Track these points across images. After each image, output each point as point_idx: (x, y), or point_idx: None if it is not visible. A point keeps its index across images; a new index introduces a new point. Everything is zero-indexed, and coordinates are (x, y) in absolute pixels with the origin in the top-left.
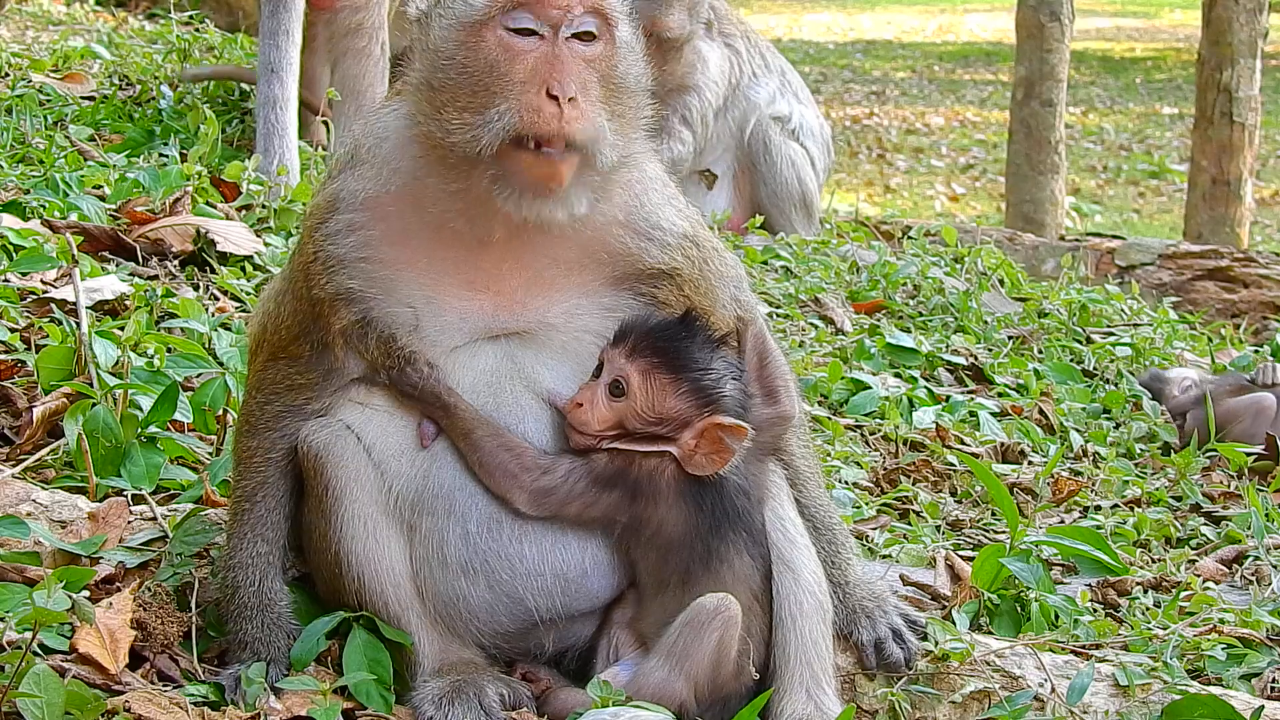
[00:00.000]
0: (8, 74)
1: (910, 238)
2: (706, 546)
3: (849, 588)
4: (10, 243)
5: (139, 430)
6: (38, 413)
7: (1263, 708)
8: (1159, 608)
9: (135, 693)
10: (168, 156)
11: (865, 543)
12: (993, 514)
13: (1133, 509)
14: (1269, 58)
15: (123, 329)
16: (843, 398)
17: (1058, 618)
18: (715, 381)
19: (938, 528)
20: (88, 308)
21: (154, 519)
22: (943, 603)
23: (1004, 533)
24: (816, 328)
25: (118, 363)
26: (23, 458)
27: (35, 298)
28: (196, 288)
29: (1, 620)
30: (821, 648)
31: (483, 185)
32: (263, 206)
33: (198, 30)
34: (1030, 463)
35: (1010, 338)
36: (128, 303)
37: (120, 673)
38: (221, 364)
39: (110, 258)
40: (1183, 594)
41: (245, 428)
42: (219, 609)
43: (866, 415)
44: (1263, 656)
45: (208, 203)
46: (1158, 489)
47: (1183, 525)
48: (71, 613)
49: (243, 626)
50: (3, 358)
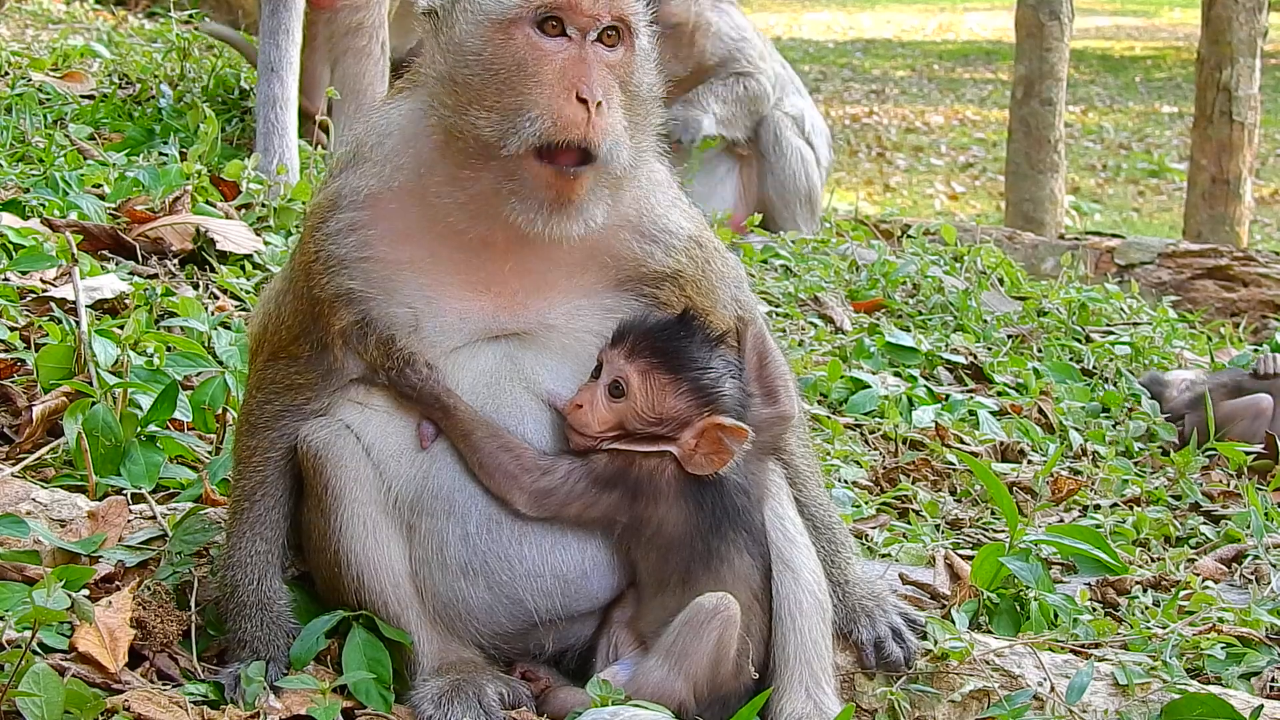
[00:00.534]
0: (7, 72)
1: (910, 236)
2: (707, 546)
3: (848, 587)
4: (10, 241)
5: (138, 429)
6: (37, 411)
7: (1262, 707)
8: (1158, 607)
9: (135, 691)
10: (167, 155)
11: (865, 542)
12: (992, 513)
13: (1132, 508)
14: (1268, 56)
15: (122, 328)
16: (842, 396)
17: (1057, 617)
18: (715, 381)
19: (937, 527)
20: (87, 306)
21: (153, 518)
22: (942, 602)
23: (1003, 532)
24: (816, 326)
25: (117, 361)
26: (22, 456)
27: (35, 296)
28: (196, 286)
29: (1, 619)
30: (821, 647)
31: (498, 187)
32: (262, 205)
33: (197, 29)
34: (1029, 462)
35: (1010, 337)
36: (127, 301)
37: (120, 671)
38: (221, 363)
39: (110, 256)
40: (1182, 593)
41: (245, 427)
42: (218, 608)
43: (866, 414)
44: (1262, 655)
45: (207, 201)
46: (1157, 488)
47: (1182, 524)
48: (71, 611)
49: (242, 625)
50: (2, 356)
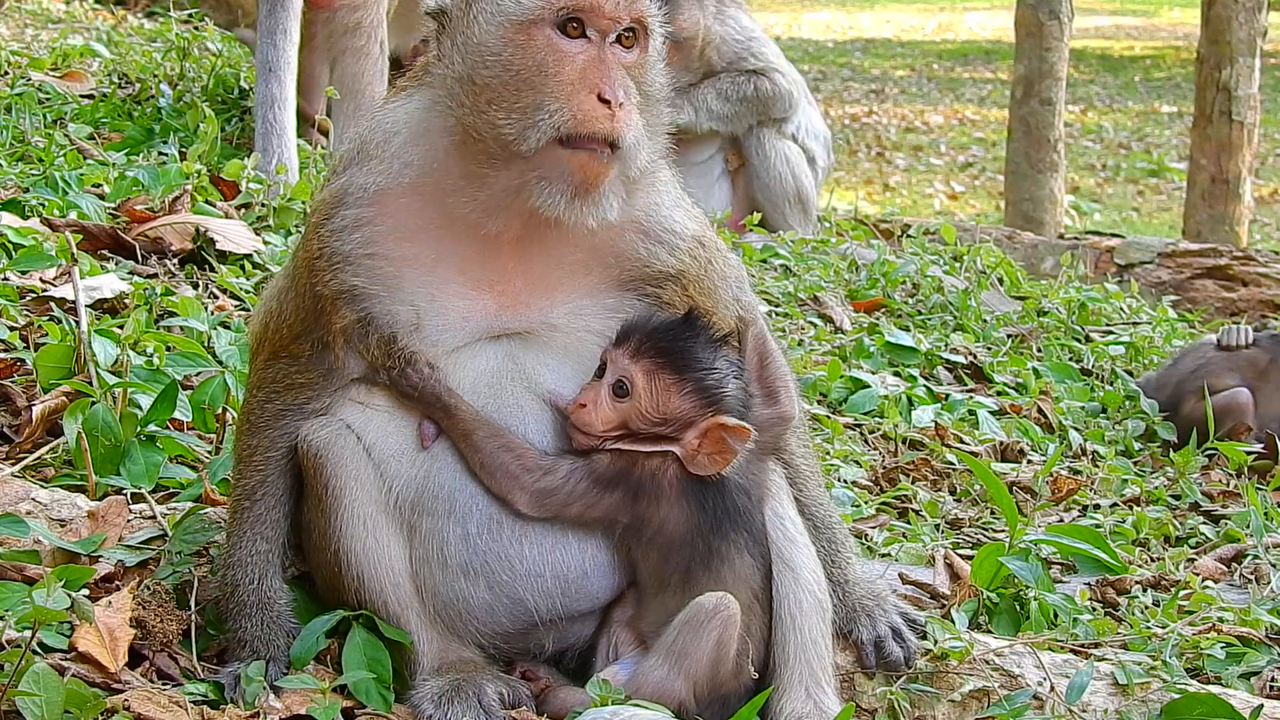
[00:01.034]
0: (7, 72)
1: (909, 236)
2: (708, 546)
3: (848, 586)
4: (10, 241)
5: (138, 429)
6: (37, 411)
7: (1261, 706)
8: (1158, 606)
9: (134, 691)
10: (167, 155)
11: (864, 541)
12: (992, 513)
13: (1132, 508)
14: (1268, 56)
15: (122, 327)
16: (842, 396)
17: (1057, 616)
18: (719, 381)
19: (937, 526)
20: (87, 306)
21: (153, 517)
22: (942, 601)
23: (1003, 531)
24: (816, 326)
25: (117, 361)
26: (22, 456)
27: (34, 296)
28: (196, 286)
29: (1, 619)
30: (821, 646)
31: (519, 181)
32: (262, 205)
33: (197, 28)
34: (1029, 461)
35: (1009, 336)
36: (127, 301)
37: (119, 671)
38: (221, 362)
39: (109, 256)
40: (1182, 593)
41: (245, 426)
42: (218, 607)
43: (866, 414)
44: (1262, 655)
45: (207, 201)
46: (1157, 488)
47: (1182, 524)
48: (71, 611)
49: (242, 625)
50: (2, 356)
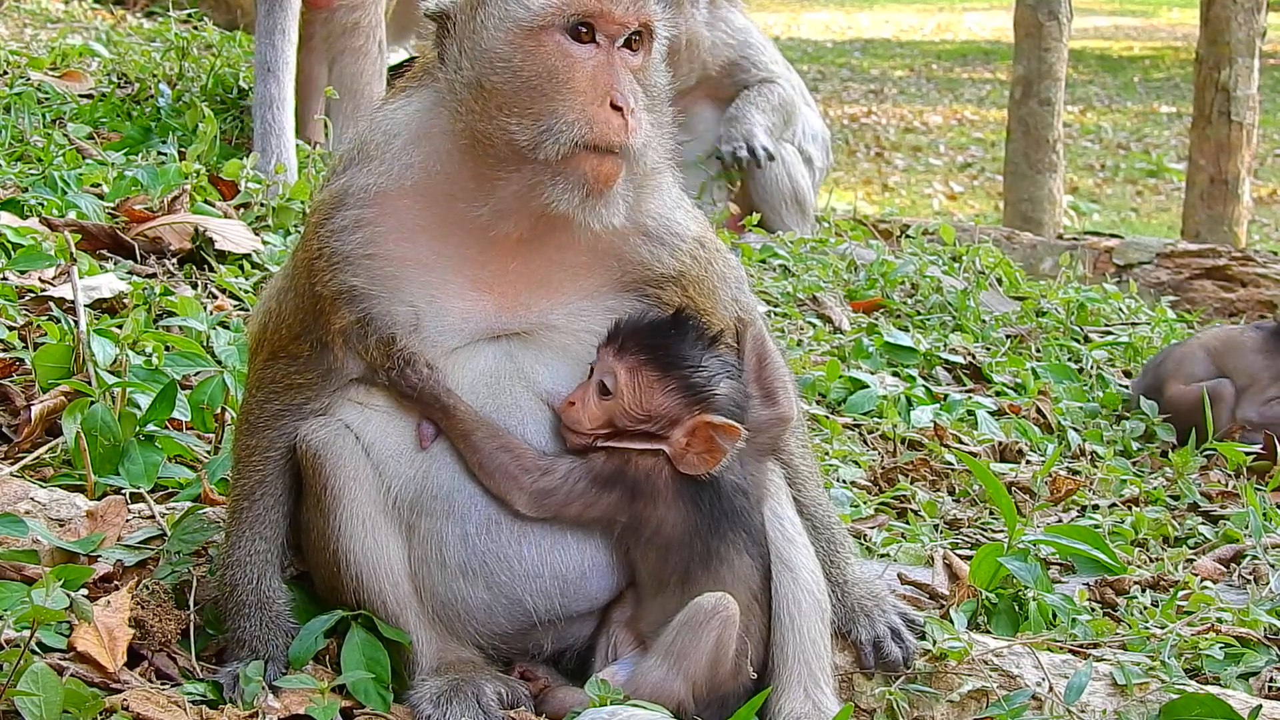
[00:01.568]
0: (6, 72)
1: (908, 236)
2: (706, 546)
3: (847, 587)
4: (9, 240)
5: (137, 428)
6: (36, 411)
7: (1260, 707)
8: (1157, 607)
9: (133, 691)
10: (166, 155)
11: (863, 542)
12: (991, 513)
13: (1130, 508)
14: (1267, 57)
15: (121, 327)
16: (841, 397)
17: (1055, 617)
18: (706, 380)
19: (936, 527)
20: (86, 306)
21: (152, 517)
22: (941, 602)
23: (1002, 532)
24: (814, 326)
25: (116, 361)
26: (21, 456)
27: (33, 296)
28: (195, 286)
29: (0, 618)
30: (820, 647)
31: (531, 183)
32: (261, 205)
33: (196, 28)
34: (1028, 462)
35: (1008, 336)
36: (126, 301)
37: (118, 671)
38: (220, 362)
39: (108, 256)
40: (1180, 593)
41: (244, 426)
42: (217, 607)
43: (864, 414)
44: (1260, 656)
45: (206, 201)
46: (1155, 488)
47: (1180, 524)
48: (70, 611)
49: (241, 624)
50: (1, 355)
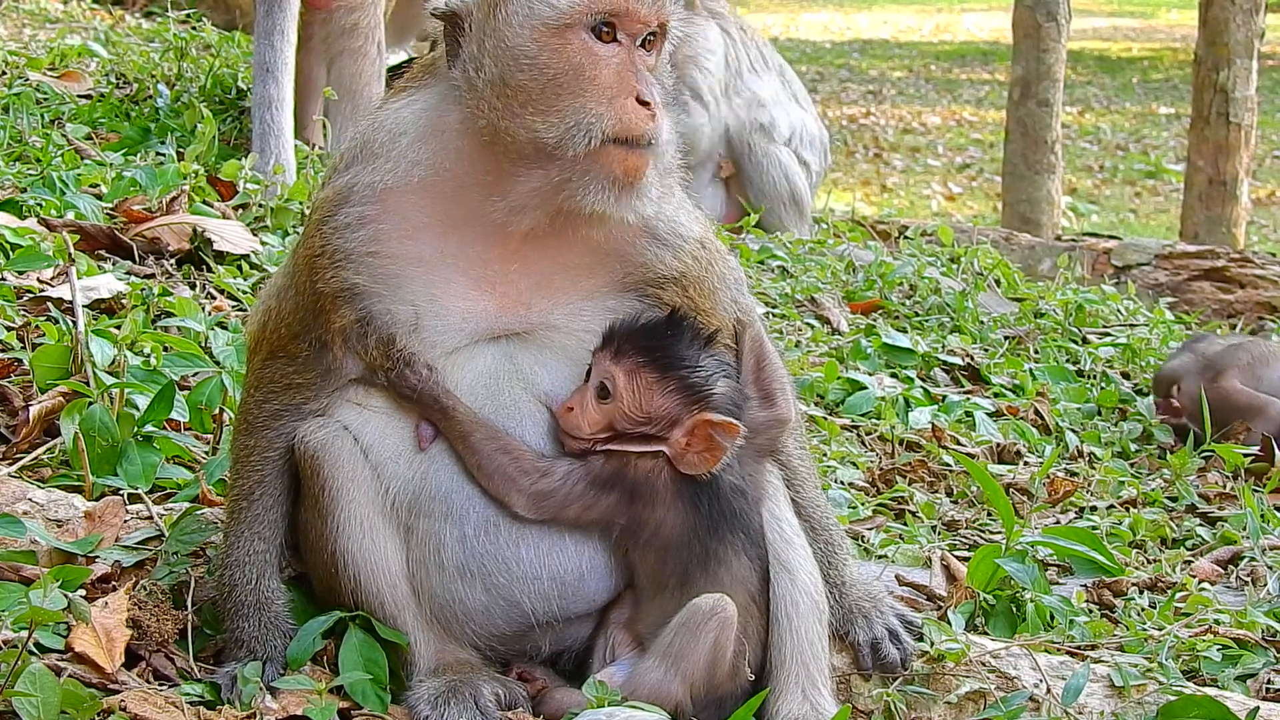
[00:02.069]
0: (4, 72)
1: (906, 237)
2: (705, 548)
3: (845, 588)
4: (7, 241)
5: (135, 429)
6: (34, 411)
7: (1257, 709)
8: (1154, 608)
9: (131, 692)
10: (164, 155)
11: (861, 543)
12: (988, 514)
13: (1128, 510)
14: (1265, 58)
15: (119, 328)
16: (839, 398)
17: (1053, 618)
18: (704, 379)
19: (933, 528)
20: (84, 306)
21: (150, 518)
22: (938, 603)
23: (1000, 533)
24: (813, 327)
25: (114, 361)
26: (19, 456)
27: (32, 296)
28: (193, 286)
29: None
30: (817, 648)
31: (557, 179)
32: (259, 205)
33: (195, 29)
34: (1026, 463)
35: (1006, 338)
36: (124, 301)
37: (116, 672)
38: (218, 363)
39: (107, 256)
40: (1178, 595)
41: (243, 426)
42: (215, 607)
43: (862, 415)
44: (1258, 657)
45: (204, 201)
46: (1153, 490)
47: (1178, 526)
48: (67, 612)
49: (239, 625)
50: None
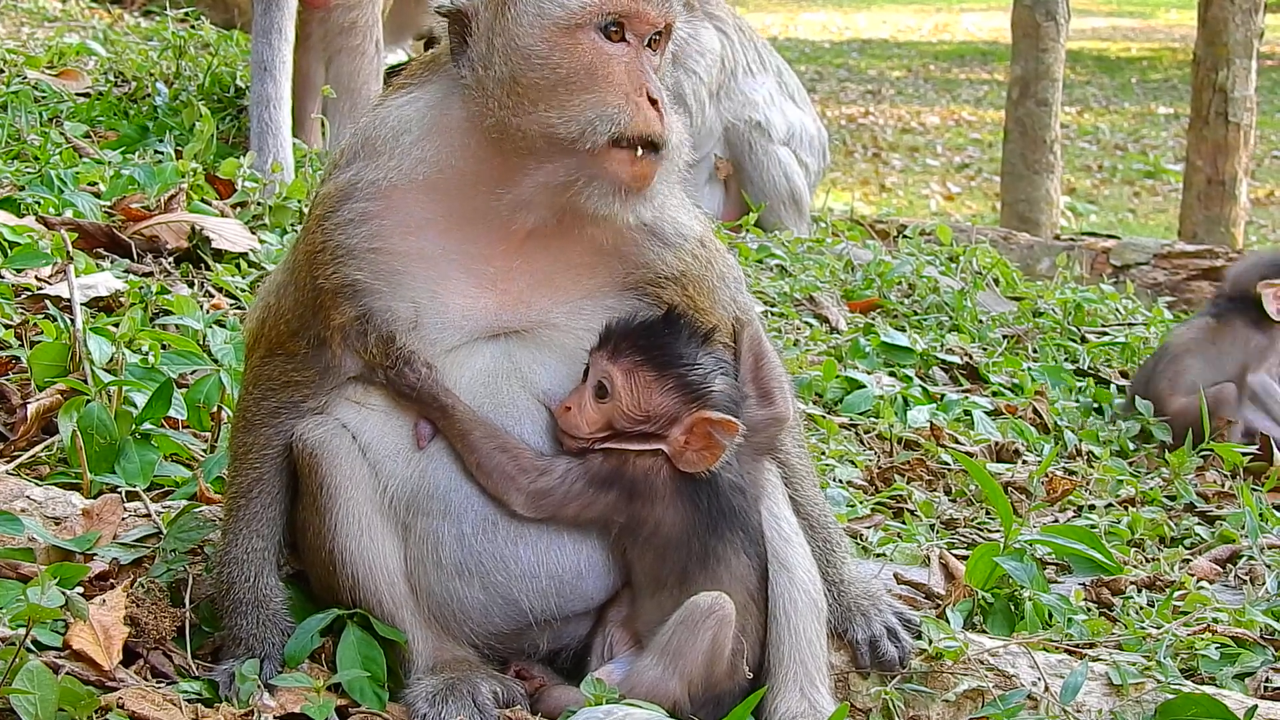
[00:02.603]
0: (3, 70)
1: (905, 236)
2: (704, 546)
3: (843, 586)
4: (5, 239)
5: (133, 427)
6: (32, 409)
7: (1255, 707)
8: (1153, 607)
9: (129, 689)
10: (163, 153)
11: (860, 541)
12: (987, 513)
13: (1127, 508)
14: (1264, 58)
15: (117, 326)
16: (837, 396)
17: (1051, 617)
18: (702, 377)
19: (932, 526)
20: (82, 304)
21: (148, 516)
22: (937, 601)
23: (998, 532)
24: (811, 326)
25: (112, 359)
26: (17, 454)
27: (30, 294)
28: (191, 285)
29: None
30: (816, 646)
31: (566, 178)
32: (257, 204)
33: (193, 27)
34: (1024, 462)
35: (1005, 337)
36: (122, 299)
37: (114, 669)
38: (216, 361)
39: (105, 254)
40: (1177, 593)
41: (241, 423)
42: (213, 605)
43: (861, 414)
44: (1256, 656)
45: (202, 200)
46: (1152, 488)
47: (1177, 524)
48: (65, 609)
49: (237, 622)
50: None
